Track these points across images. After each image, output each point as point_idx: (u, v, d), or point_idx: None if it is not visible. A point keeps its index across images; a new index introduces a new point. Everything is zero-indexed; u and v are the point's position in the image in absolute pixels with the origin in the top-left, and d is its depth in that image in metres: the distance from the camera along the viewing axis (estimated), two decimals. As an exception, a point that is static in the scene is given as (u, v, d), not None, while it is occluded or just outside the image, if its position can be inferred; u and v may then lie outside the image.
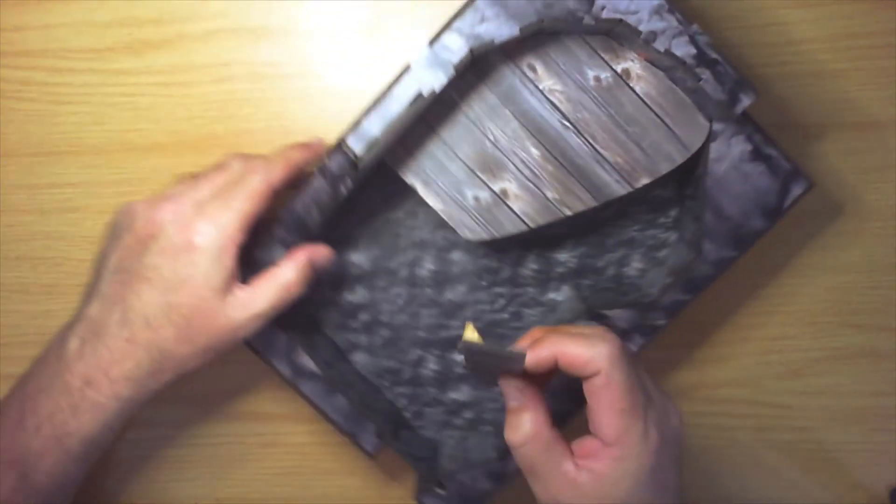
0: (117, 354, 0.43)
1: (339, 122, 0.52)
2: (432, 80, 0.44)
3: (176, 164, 0.53)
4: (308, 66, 0.52)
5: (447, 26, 0.44)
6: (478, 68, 0.46)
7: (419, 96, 0.44)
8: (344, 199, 0.46)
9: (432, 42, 0.44)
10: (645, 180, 0.47)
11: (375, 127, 0.44)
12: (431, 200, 0.48)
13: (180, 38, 0.52)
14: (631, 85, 0.46)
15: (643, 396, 0.38)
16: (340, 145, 0.44)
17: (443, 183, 0.48)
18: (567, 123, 0.47)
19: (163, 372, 0.44)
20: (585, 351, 0.37)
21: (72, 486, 0.46)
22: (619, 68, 0.46)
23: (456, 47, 0.44)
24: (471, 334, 0.39)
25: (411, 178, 0.48)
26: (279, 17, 0.52)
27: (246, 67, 0.52)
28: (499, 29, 0.44)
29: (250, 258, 0.46)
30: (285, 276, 0.44)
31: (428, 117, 0.47)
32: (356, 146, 0.44)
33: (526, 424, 0.38)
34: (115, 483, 0.56)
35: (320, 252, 0.46)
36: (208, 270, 0.42)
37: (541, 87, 0.46)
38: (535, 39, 0.46)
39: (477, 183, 0.48)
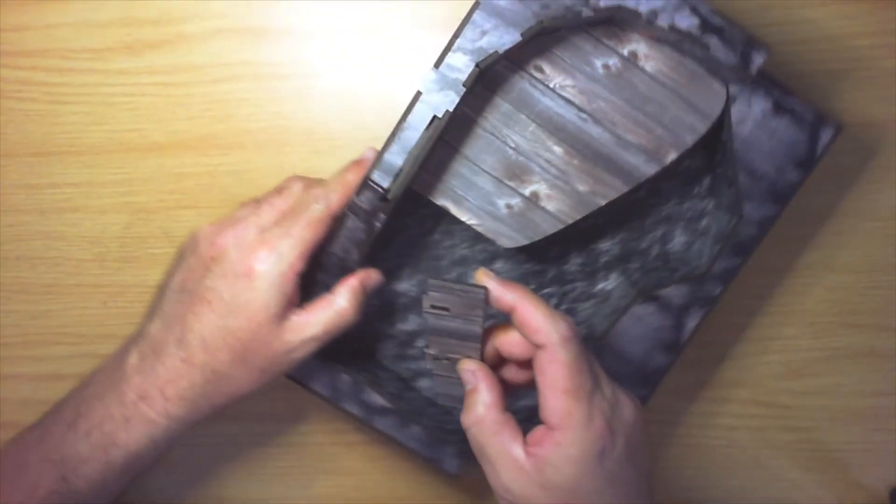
0: (173, 373, 0.43)
1: (338, 122, 0.53)
2: (444, 101, 0.44)
3: (176, 164, 0.53)
4: (308, 66, 0.52)
5: (449, 46, 0.44)
6: (486, 80, 0.46)
7: (434, 119, 0.44)
8: (379, 233, 0.46)
9: (437, 64, 0.44)
10: (672, 155, 0.47)
11: (398, 158, 0.44)
12: (465, 217, 0.48)
13: (180, 38, 0.52)
14: (640, 66, 0.46)
15: (590, 382, 0.38)
16: (368, 182, 0.44)
17: (473, 198, 0.48)
18: (584, 115, 0.46)
19: (217, 395, 0.44)
20: (542, 317, 0.38)
21: (107, 499, 0.46)
22: (625, 52, 0.46)
23: (462, 65, 0.44)
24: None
25: (441, 200, 0.48)
26: (279, 18, 0.52)
27: (246, 67, 0.52)
28: (500, 38, 0.44)
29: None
30: (339, 301, 0.45)
31: (446, 138, 0.47)
32: (383, 180, 0.44)
33: (478, 406, 0.39)
34: (115, 483, 0.56)
35: (370, 275, 0.46)
36: (267, 297, 0.43)
37: (551, 85, 0.46)
38: (537, 41, 0.45)
39: (506, 191, 0.48)
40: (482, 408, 0.39)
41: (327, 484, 0.56)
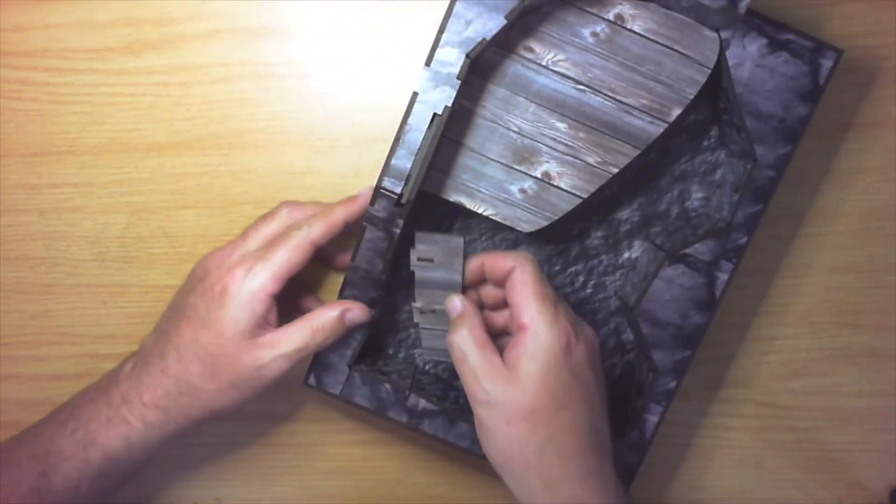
0: (151, 381, 0.46)
1: (338, 122, 0.53)
2: (441, 97, 0.44)
3: (176, 164, 0.53)
4: (307, 66, 0.52)
5: (437, 43, 0.44)
6: (478, 69, 0.46)
7: (435, 117, 0.44)
8: (399, 241, 0.46)
9: (428, 62, 0.44)
10: (676, 111, 0.47)
11: (405, 161, 0.45)
12: (480, 209, 0.48)
13: (180, 38, 0.52)
14: (628, 27, 0.46)
15: (553, 293, 0.44)
16: (380, 190, 0.45)
17: (485, 189, 0.48)
18: (582, 87, 0.46)
19: (190, 407, 0.46)
20: (504, 255, 0.45)
21: (82, 501, 0.47)
22: (610, 16, 0.46)
23: (452, 59, 0.44)
24: None
25: (455, 196, 0.48)
26: (279, 17, 0.52)
27: (245, 67, 0.52)
28: (485, 25, 0.44)
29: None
30: (313, 322, 0.46)
31: (449, 134, 0.47)
32: (395, 186, 0.45)
33: (464, 327, 0.44)
34: (115, 483, 0.56)
35: (355, 309, 0.47)
36: (237, 314, 0.45)
37: (543, 63, 0.46)
38: (522, 22, 0.46)
39: (518, 176, 0.48)
40: (467, 328, 0.44)
41: (327, 484, 0.56)
